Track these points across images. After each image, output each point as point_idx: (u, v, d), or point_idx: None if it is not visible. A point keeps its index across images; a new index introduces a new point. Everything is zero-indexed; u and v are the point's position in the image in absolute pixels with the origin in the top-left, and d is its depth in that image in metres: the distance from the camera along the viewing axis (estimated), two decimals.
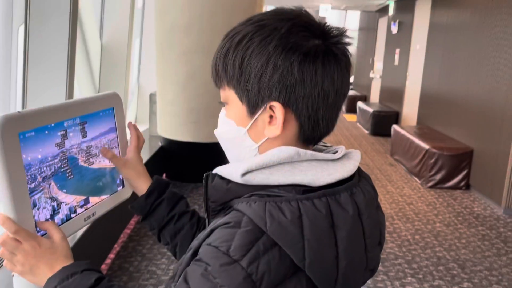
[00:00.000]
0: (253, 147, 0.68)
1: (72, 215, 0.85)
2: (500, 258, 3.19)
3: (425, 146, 4.97)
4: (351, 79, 14.61)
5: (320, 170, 0.65)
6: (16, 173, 0.71)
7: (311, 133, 0.67)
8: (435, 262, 3.08)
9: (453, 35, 5.66)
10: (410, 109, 7.36)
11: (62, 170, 0.81)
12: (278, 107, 0.64)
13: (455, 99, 5.44)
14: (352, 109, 10.58)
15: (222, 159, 0.75)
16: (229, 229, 0.60)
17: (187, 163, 4.38)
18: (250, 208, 0.60)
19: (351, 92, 11.56)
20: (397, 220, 3.85)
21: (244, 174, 0.63)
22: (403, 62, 7.92)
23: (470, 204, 4.36)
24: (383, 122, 7.78)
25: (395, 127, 6.24)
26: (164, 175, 4.50)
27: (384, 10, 9.73)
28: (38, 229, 0.76)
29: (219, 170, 0.67)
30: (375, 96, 10.17)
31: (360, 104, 9.05)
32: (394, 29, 8.53)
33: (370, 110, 8.05)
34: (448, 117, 5.65)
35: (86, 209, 0.89)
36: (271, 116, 0.65)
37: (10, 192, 0.70)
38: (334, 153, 0.71)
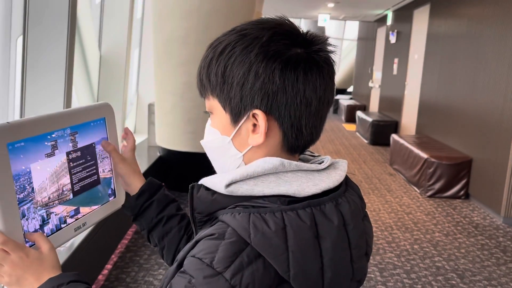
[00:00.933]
0: (238, 156, 0.68)
1: (62, 225, 0.85)
2: (499, 267, 3.17)
3: (424, 155, 4.96)
4: (350, 89, 14.66)
5: (305, 181, 0.65)
6: (4, 184, 0.71)
7: (295, 141, 0.67)
8: (434, 272, 3.06)
9: (450, 44, 5.68)
10: (409, 119, 7.37)
11: None
12: (260, 115, 0.64)
13: (453, 108, 5.45)
14: (351, 119, 10.60)
15: None
16: (213, 240, 0.60)
17: (185, 172, 4.37)
18: (234, 219, 0.60)
19: (350, 102, 11.58)
20: (396, 229, 3.83)
21: (228, 185, 0.63)
22: (401, 71, 7.95)
23: (469, 213, 4.35)
24: (382, 132, 7.79)
25: (394, 136, 6.24)
26: (163, 184, 4.49)
27: (382, 20, 9.79)
28: (26, 239, 0.76)
29: (205, 181, 0.67)
30: (374, 105, 10.19)
31: (359, 113, 9.07)
32: (393, 39, 8.58)
33: (369, 119, 8.07)
34: (446, 126, 5.66)
35: (76, 219, 0.88)
36: (254, 125, 0.65)
37: None
38: (320, 163, 0.70)
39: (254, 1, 4.34)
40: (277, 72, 0.63)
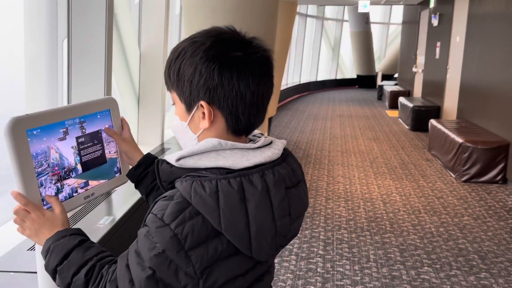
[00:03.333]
0: (193, 137, 0.88)
1: (74, 194, 1.09)
2: None
3: (459, 140, 4.91)
4: (396, 75, 14.35)
5: (239, 156, 0.83)
6: (25, 161, 0.95)
7: (236, 125, 0.85)
8: (455, 253, 3.12)
9: (491, 26, 5.53)
10: (450, 103, 7.22)
11: None
12: (205, 105, 0.83)
13: (493, 92, 5.32)
14: (395, 105, 10.45)
15: None
16: (165, 201, 0.80)
17: None
18: (182, 185, 0.80)
19: (394, 88, 11.39)
20: (423, 213, 3.88)
21: (178, 160, 0.83)
22: (443, 55, 7.77)
23: (505, 198, 4.29)
24: (423, 117, 7.66)
25: (432, 121, 6.17)
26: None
27: (425, 2, 9.53)
28: (45, 202, 1.00)
29: (166, 157, 0.87)
30: (417, 91, 9.99)
31: (401, 99, 8.94)
32: (435, 22, 8.37)
33: (411, 105, 7.96)
34: (486, 111, 5.53)
35: (86, 190, 1.12)
36: (204, 113, 0.85)
37: (20, 174, 0.94)
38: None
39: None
40: (216, 71, 0.82)
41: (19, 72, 3.12)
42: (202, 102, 0.83)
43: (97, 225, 2.40)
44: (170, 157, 0.86)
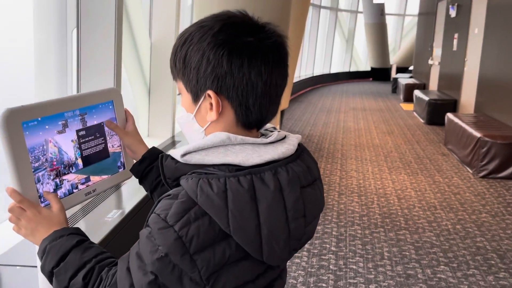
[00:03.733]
0: (200, 130, 0.81)
1: (74, 190, 1.03)
2: None
3: (477, 134, 4.77)
4: (411, 68, 14.10)
5: (251, 152, 0.75)
6: (20, 155, 0.89)
7: (246, 118, 0.78)
8: (473, 252, 3.01)
9: (511, 16, 5.34)
10: (468, 97, 7.04)
11: None
12: (212, 95, 0.76)
13: None
14: (409, 98, 10.26)
15: None
16: (169, 200, 0.73)
17: None
18: (187, 183, 0.73)
19: (409, 81, 11.18)
20: (439, 209, 3.77)
21: (183, 155, 0.76)
22: (461, 47, 7.57)
23: None
24: (439, 111, 7.49)
25: (448, 115, 6.02)
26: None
27: None
28: (42, 199, 0.94)
29: (171, 152, 0.80)
30: (433, 84, 9.79)
31: (416, 92, 8.77)
32: (453, 13, 8.16)
33: (426, 98, 7.79)
34: (505, 104, 5.37)
35: (87, 186, 1.06)
36: (211, 104, 0.77)
37: (15, 169, 0.88)
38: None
39: None
40: (225, 58, 0.74)
41: (28, 63, 3.08)
42: (210, 92, 0.76)
43: (105, 218, 2.36)
44: (175, 152, 0.79)
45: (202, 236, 0.70)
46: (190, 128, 0.82)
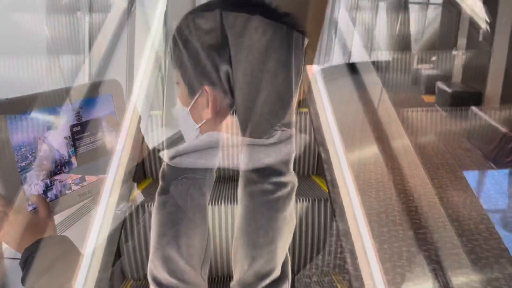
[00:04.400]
0: (195, 127, 0.72)
1: (67, 191, 0.94)
2: None
3: (503, 129, 4.57)
4: (433, 58, 13.69)
5: None
6: (5, 154, 0.80)
7: None
8: (497, 254, 2.87)
9: None
10: (494, 89, 6.79)
11: None
12: (209, 91, 0.66)
13: None
14: (431, 90, 9.97)
15: None
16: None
17: None
18: (176, 190, 0.64)
19: (431, 72, 10.87)
20: (461, 207, 3.62)
21: (173, 158, 0.66)
22: (488, 37, 7.28)
23: None
24: (463, 104, 7.24)
25: (473, 108, 5.80)
26: None
27: None
28: (30, 202, 0.86)
29: (161, 153, 0.71)
30: (457, 75, 9.49)
31: (439, 84, 8.51)
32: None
33: (449, 90, 7.55)
34: None
35: (82, 187, 0.97)
36: (208, 100, 0.68)
37: None
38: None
39: None
40: None
41: (40, 51, 3.03)
42: (207, 87, 0.67)
43: (115, 211, 2.31)
44: (163, 153, 0.70)
45: None
46: (184, 123, 0.74)
